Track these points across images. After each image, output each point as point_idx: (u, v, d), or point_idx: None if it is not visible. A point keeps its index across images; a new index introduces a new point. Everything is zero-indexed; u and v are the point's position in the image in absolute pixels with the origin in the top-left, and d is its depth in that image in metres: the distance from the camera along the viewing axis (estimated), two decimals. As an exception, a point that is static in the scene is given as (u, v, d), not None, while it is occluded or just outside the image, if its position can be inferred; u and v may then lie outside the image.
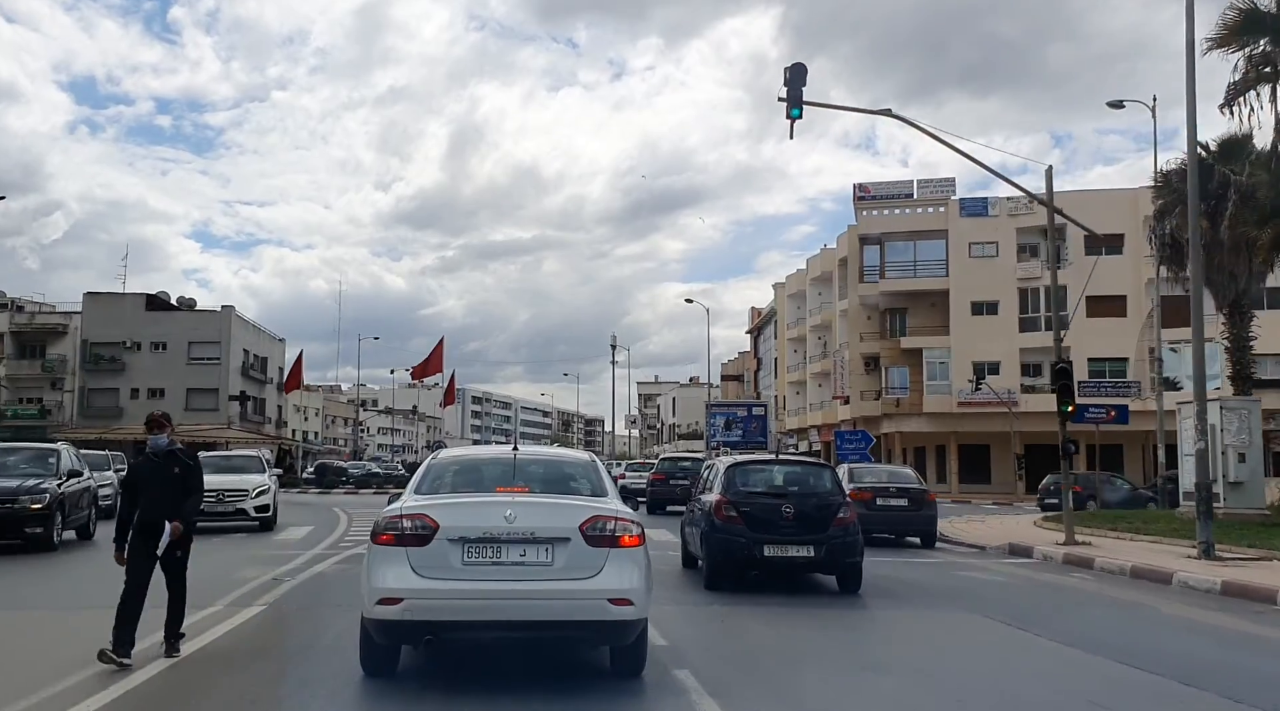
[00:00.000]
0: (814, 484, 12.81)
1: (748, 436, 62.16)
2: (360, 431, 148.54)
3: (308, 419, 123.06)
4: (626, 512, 6.76)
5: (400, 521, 6.44)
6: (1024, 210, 52.27)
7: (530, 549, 6.34)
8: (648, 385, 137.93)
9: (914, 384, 54.55)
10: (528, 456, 7.76)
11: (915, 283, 54.41)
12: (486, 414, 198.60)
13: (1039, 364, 52.92)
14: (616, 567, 6.38)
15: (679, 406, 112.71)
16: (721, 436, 62.09)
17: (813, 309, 67.21)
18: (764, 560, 11.86)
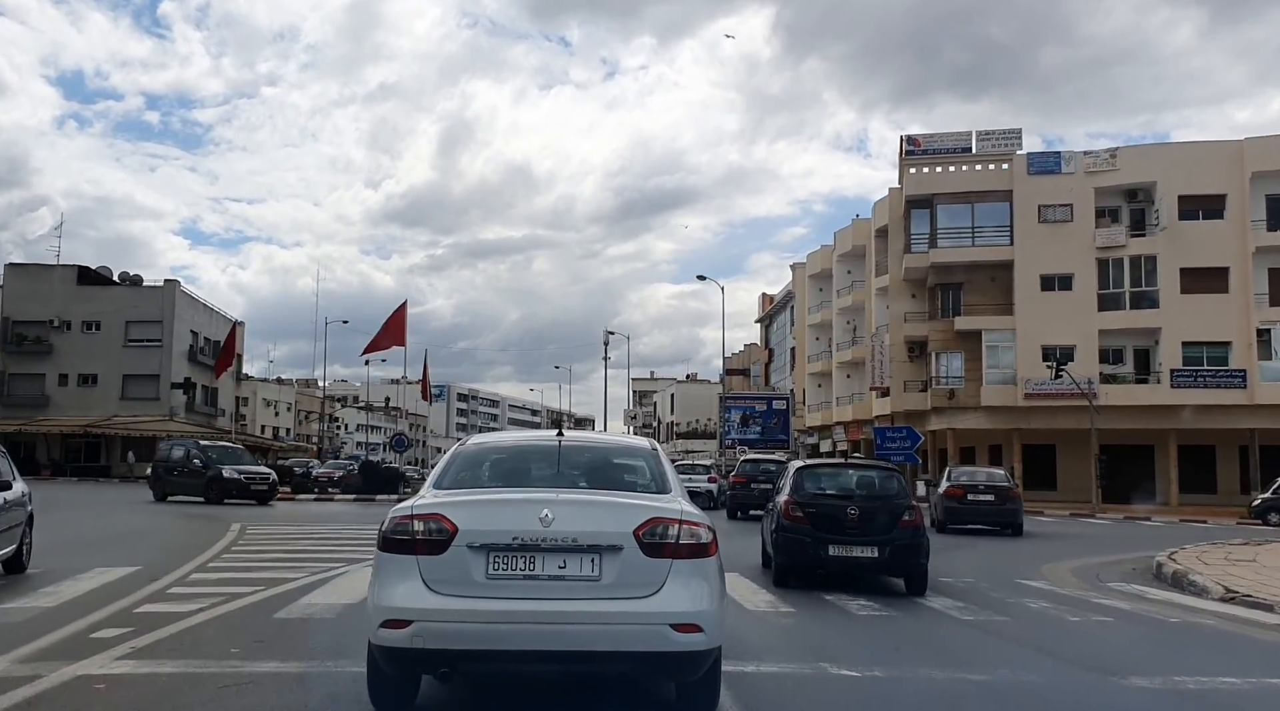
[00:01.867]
0: (880, 487, 12.90)
1: (767, 433, 54.01)
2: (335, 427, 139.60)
3: (279, 414, 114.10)
4: (695, 514, 5.30)
5: (410, 523, 5.13)
6: (1105, 165, 44.16)
7: (572, 559, 5.01)
8: (643, 381, 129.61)
9: (970, 372, 46.32)
10: (575, 443, 6.17)
11: (973, 253, 46.17)
12: (473, 412, 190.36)
13: (1120, 348, 44.79)
14: (682, 584, 5.03)
15: (678, 403, 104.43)
16: (737, 433, 53.85)
17: (841, 289, 58.89)
18: (829, 559, 12.05)
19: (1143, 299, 43.62)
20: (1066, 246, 44.35)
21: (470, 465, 6.10)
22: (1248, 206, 42.16)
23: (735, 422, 54.18)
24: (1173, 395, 42.35)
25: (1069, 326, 43.87)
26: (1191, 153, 43.03)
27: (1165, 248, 42.77)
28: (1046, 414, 44.19)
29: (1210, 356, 42.86)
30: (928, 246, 47.21)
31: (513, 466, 6.20)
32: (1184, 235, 42.47)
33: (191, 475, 29.60)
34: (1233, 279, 42.35)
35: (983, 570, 14.96)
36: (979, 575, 14.20)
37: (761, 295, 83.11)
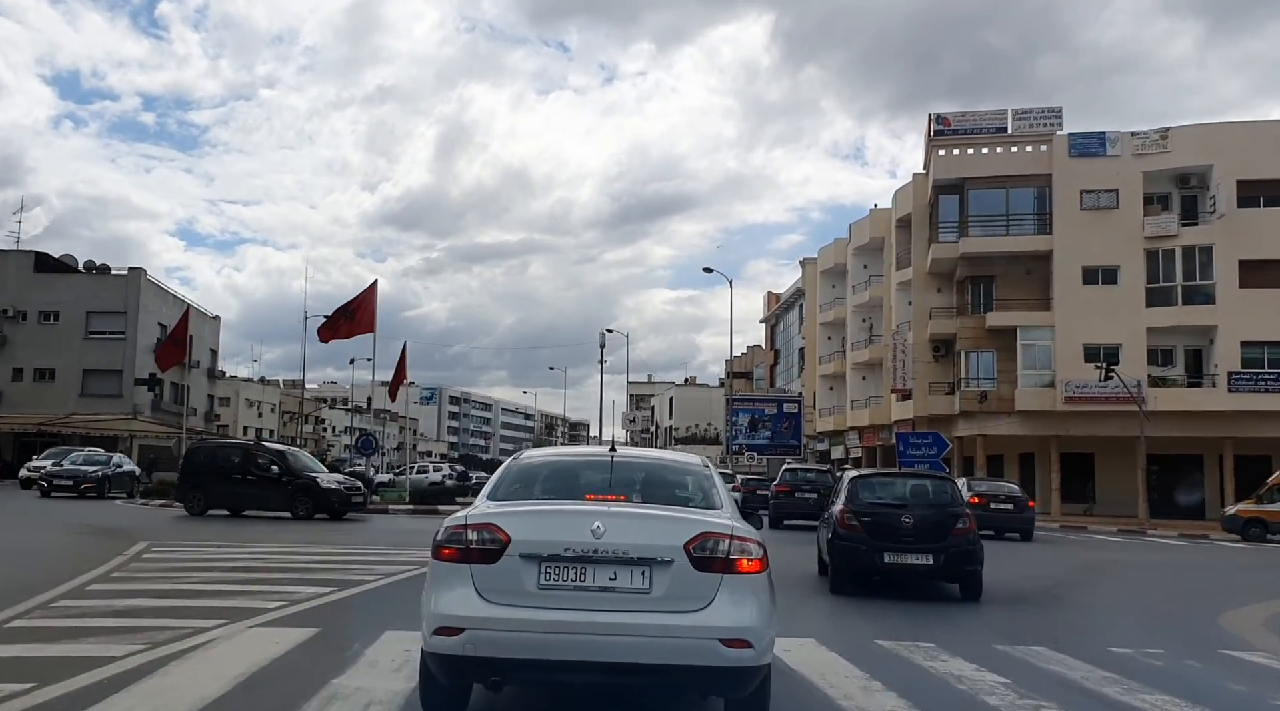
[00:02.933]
0: (934, 495, 13.17)
1: (777, 438, 49.90)
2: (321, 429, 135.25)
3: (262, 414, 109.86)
4: (745, 530, 5.35)
5: (464, 532, 5.19)
6: (1154, 147, 40.13)
7: (622, 571, 5.04)
8: (640, 385, 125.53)
9: (1003, 374, 42.22)
10: (627, 458, 6.35)
11: (1007, 243, 42.11)
12: (465, 415, 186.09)
13: (1170, 348, 40.73)
14: (731, 599, 5.04)
15: (676, 407, 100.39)
16: (745, 438, 49.77)
17: (856, 284, 54.82)
18: (884, 567, 12.21)
19: (1196, 294, 39.58)
20: (1111, 236, 40.31)
21: (523, 478, 6.11)
22: (1315, 192, 38.18)
23: (743, 426, 50.07)
24: (1230, 400, 38.29)
25: (1114, 324, 39.81)
26: (1251, 133, 39.03)
27: (1222, 238, 38.74)
28: (1088, 420, 40.14)
29: (1272, 358, 38.80)
30: (957, 236, 43.12)
31: (566, 480, 6.14)
32: (1243, 224, 38.46)
33: (263, 484, 25.11)
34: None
35: (1141, 621, 11.13)
36: (1143, 626, 10.53)
37: (767, 294, 79.11)
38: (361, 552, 15.67)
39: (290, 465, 25.49)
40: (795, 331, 68.48)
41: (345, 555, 15.17)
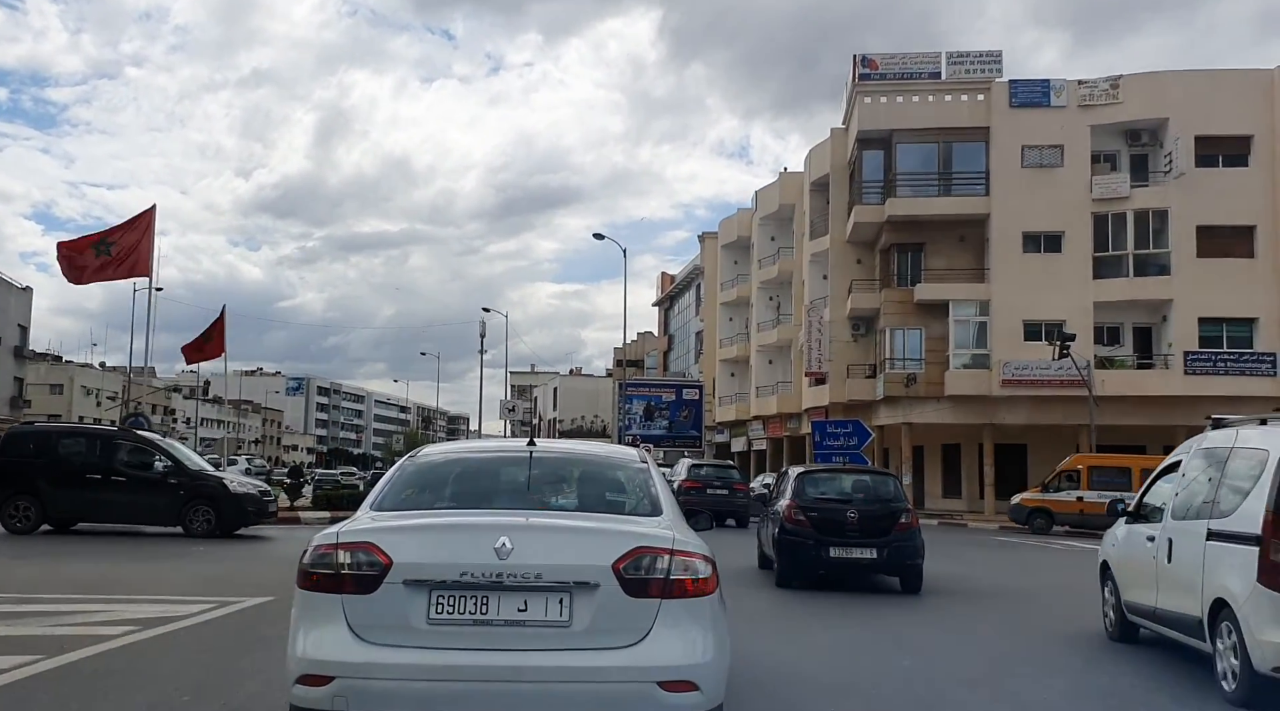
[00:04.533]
0: (878, 491, 13.31)
1: (676, 428, 44.03)
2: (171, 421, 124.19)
3: (100, 403, 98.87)
4: (691, 542, 4.30)
5: (334, 553, 4.12)
6: (1104, 98, 35.53)
7: (535, 600, 4.05)
8: (523, 375, 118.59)
9: (932, 354, 37.17)
10: (550, 454, 5.22)
11: (940, 205, 37.05)
12: (335, 407, 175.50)
13: (1117, 325, 36.22)
14: (673, 630, 4.07)
15: (561, 398, 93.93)
16: (639, 428, 43.66)
17: (763, 258, 49.30)
18: (830, 561, 12.47)
19: (1149, 264, 35.15)
20: (1055, 198, 35.58)
21: (418, 481, 4.99)
22: (1279, 151, 34.07)
23: (637, 415, 43.99)
24: (1185, 384, 33.92)
25: (1057, 297, 35.10)
26: (1211, 83, 34.76)
27: (1178, 200, 34.36)
28: (1027, 406, 35.37)
29: (1232, 336, 34.61)
30: (882, 197, 37.89)
31: (472, 483, 5.06)
32: (1201, 185, 34.15)
33: (138, 488, 17.64)
34: (1260, 240, 34.19)
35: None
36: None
37: (661, 275, 73.30)
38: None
39: (182, 462, 18.22)
40: (692, 314, 62.82)
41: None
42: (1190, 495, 8.00)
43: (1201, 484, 7.88)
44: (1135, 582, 8.85)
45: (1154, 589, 8.32)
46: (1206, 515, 7.48)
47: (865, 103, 37.50)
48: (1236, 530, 6.93)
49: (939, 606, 11.60)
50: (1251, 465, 7.08)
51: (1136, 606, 8.76)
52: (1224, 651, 6.98)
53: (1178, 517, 8.03)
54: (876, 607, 11.32)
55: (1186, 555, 7.67)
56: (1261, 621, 6.47)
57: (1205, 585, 7.27)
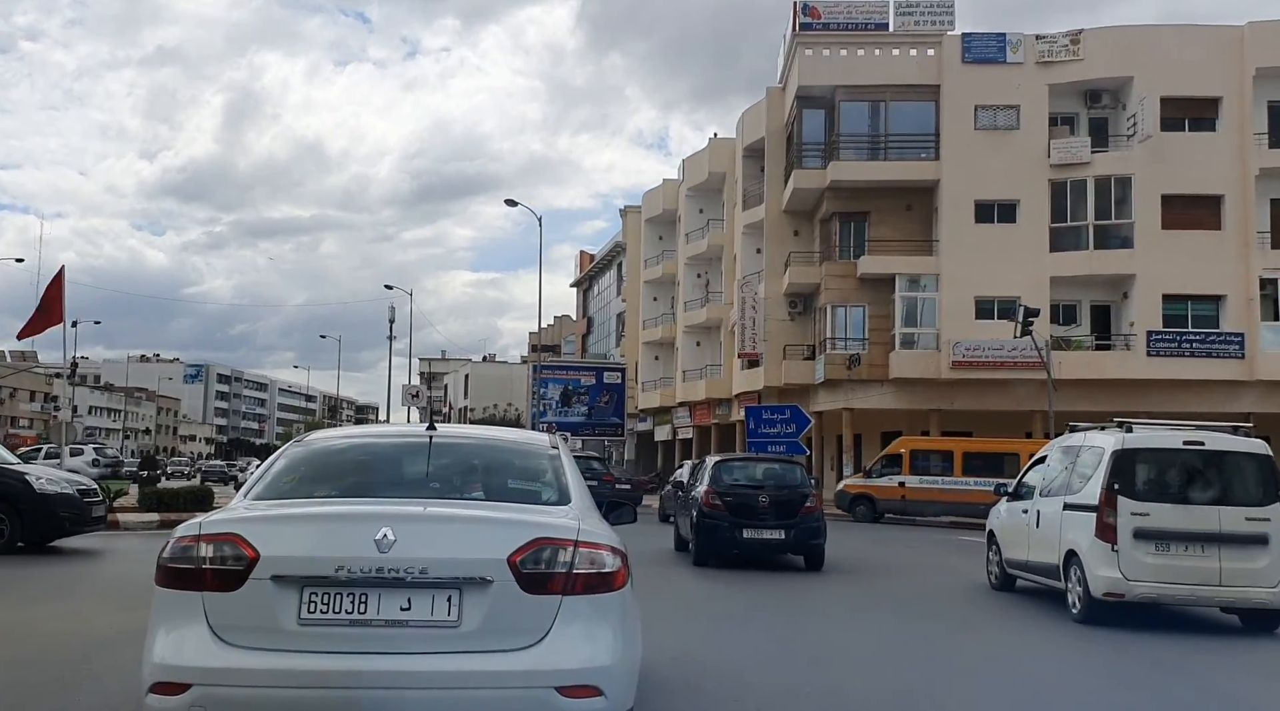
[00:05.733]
0: (787, 477, 14.66)
1: (596, 415, 40.21)
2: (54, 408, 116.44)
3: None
4: (598, 533, 3.98)
5: (196, 546, 3.75)
6: (1063, 54, 32.66)
7: (420, 597, 3.67)
8: (433, 362, 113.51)
9: (876, 334, 34.04)
10: (450, 439, 4.81)
11: (886, 169, 33.86)
12: (236, 395, 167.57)
13: (1075, 303, 33.48)
14: (575, 629, 3.73)
15: (473, 385, 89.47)
16: (555, 415, 39.72)
17: (691, 232, 45.71)
18: (743, 541, 13.68)
19: (1111, 236, 32.44)
20: (1011, 163, 32.66)
21: (302, 467, 4.55)
22: (1249, 115, 31.63)
23: (554, 401, 40.04)
24: (1148, 366, 31.33)
25: (1012, 271, 32.17)
26: (1179, 40, 32.13)
27: (1142, 167, 31.69)
28: (978, 390, 32.46)
29: (1197, 315, 32.11)
30: (823, 161, 34.57)
31: (361, 470, 4.60)
32: (1166, 151, 31.52)
33: None
34: (1228, 211, 31.69)
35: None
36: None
37: (579, 254, 69.27)
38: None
39: None
40: (614, 294, 59.03)
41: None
42: (1052, 479, 11.08)
43: (1060, 471, 10.93)
44: (1014, 544, 11.77)
45: (1027, 547, 11.29)
46: (1063, 493, 10.49)
47: (806, 55, 34.07)
48: (1083, 502, 9.90)
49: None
50: (1094, 458, 10.02)
51: (1014, 561, 11.76)
52: (1073, 586, 9.92)
53: (1044, 495, 11.08)
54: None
55: (1049, 521, 10.62)
56: (1097, 563, 9.54)
57: (1061, 541, 10.23)
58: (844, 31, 33.89)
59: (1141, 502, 9.56)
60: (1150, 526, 9.46)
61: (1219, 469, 9.74)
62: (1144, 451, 9.88)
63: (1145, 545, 9.42)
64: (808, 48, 34.07)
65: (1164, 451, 9.95)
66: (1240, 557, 9.38)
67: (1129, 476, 9.70)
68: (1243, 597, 9.49)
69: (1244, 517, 9.45)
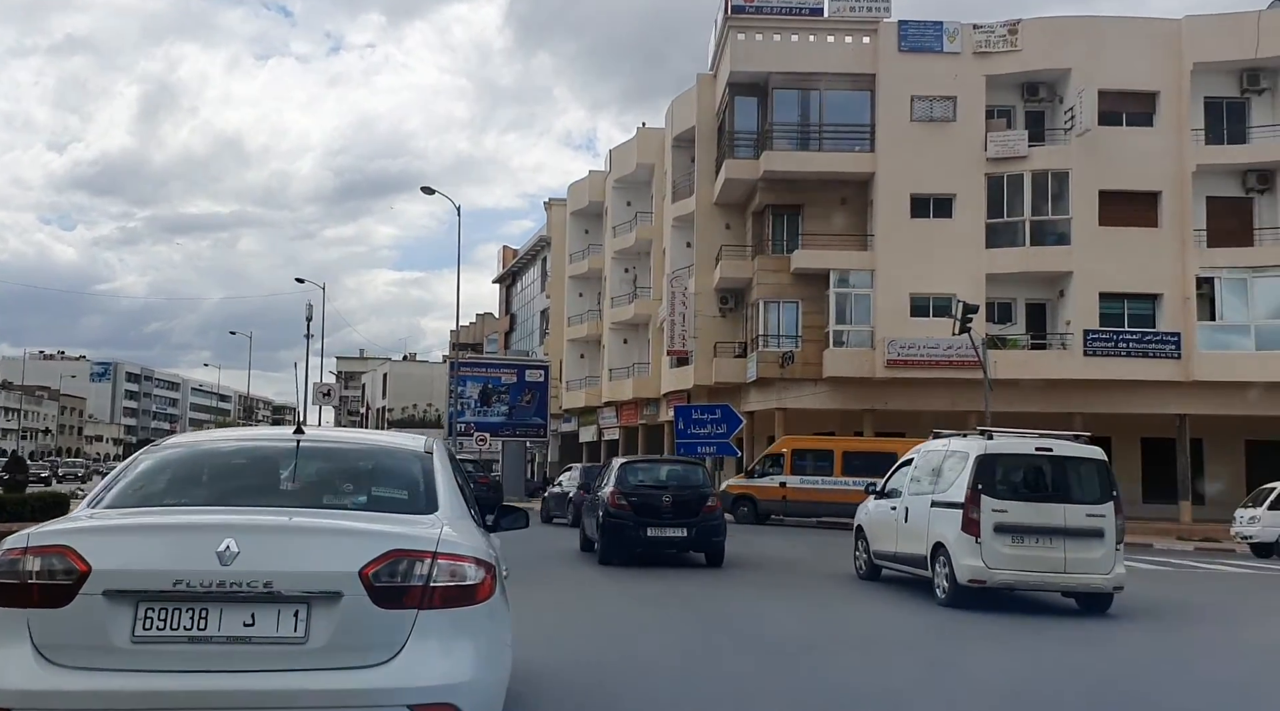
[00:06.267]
0: (689, 478, 15.43)
1: (517, 415, 38.51)
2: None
3: None
4: (461, 543, 3.82)
5: (22, 560, 3.53)
6: (1002, 44, 31.84)
7: (265, 613, 3.52)
8: (350, 361, 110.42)
9: (810, 331, 32.85)
10: (319, 443, 4.57)
11: (820, 161, 32.65)
12: (147, 395, 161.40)
13: (1010, 301, 32.70)
14: (432, 644, 3.60)
15: (391, 385, 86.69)
16: (475, 414, 37.90)
17: (618, 225, 44.11)
18: (647, 539, 14.35)
19: (1047, 232, 31.68)
20: (947, 156, 31.71)
21: (154, 475, 4.29)
22: (1186, 110, 31.09)
23: (473, 399, 38.17)
24: (1085, 366, 30.63)
25: (947, 268, 31.22)
26: (1119, 32, 31.46)
27: (1080, 161, 30.98)
28: (913, 390, 31.44)
29: (1134, 314, 31.49)
30: (756, 151, 33.25)
31: (216, 478, 4.37)
32: (1104, 146, 30.84)
33: None
34: (1165, 208, 31.12)
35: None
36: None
37: (502, 249, 67.22)
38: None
39: None
40: (538, 290, 57.15)
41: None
42: (920, 479, 12.51)
43: (928, 472, 12.40)
44: (882, 537, 13.06)
45: (895, 540, 12.64)
46: (931, 492, 11.98)
47: (739, 40, 32.69)
48: (950, 500, 11.32)
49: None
50: (960, 461, 11.49)
51: (882, 553, 13.08)
52: (939, 574, 11.31)
53: (912, 494, 12.50)
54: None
55: (918, 517, 12.05)
56: (962, 553, 10.85)
57: (929, 535, 11.63)
58: (778, 16, 32.60)
59: (1001, 500, 10.83)
60: (1008, 521, 10.73)
61: (1064, 472, 11.15)
62: (1003, 456, 11.21)
63: (1003, 538, 10.69)
64: (740, 32, 32.70)
65: (1019, 456, 11.32)
66: (1081, 548, 10.73)
67: (990, 478, 10.96)
68: (1083, 583, 10.86)
69: (1085, 514, 10.84)
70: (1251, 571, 18.57)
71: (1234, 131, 31.76)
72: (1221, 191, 31.53)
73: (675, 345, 35.53)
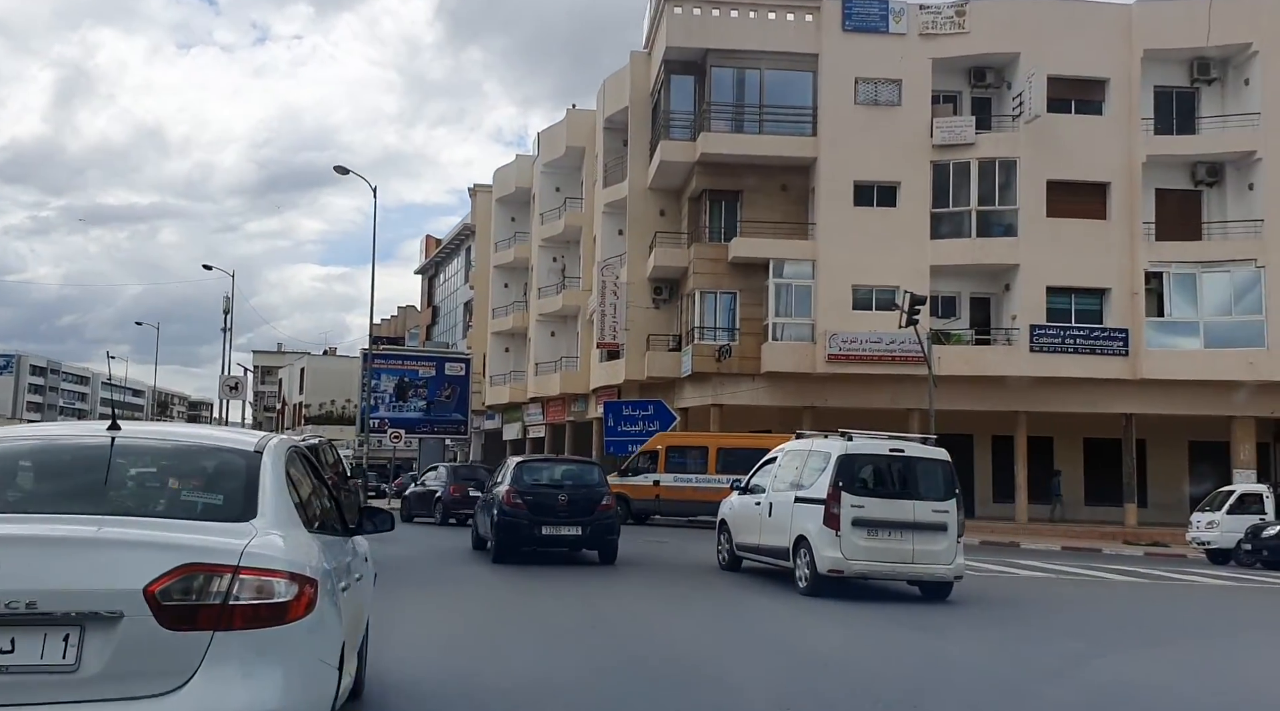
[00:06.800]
0: (585, 477, 15.43)
1: (436, 411, 36.34)
2: None
3: None
4: (271, 555, 3.45)
5: None
6: (949, 26, 30.54)
7: (28, 637, 3.15)
8: (267, 355, 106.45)
9: (748, 323, 31.19)
10: (135, 442, 4.16)
11: (761, 144, 30.96)
12: (53, 389, 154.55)
13: (954, 295, 31.42)
14: (229, 670, 3.25)
15: (309, 380, 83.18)
16: (389, 409, 35.56)
17: (546, 212, 41.97)
18: (543, 537, 14.46)
19: (994, 223, 30.43)
20: (892, 143, 30.28)
21: None
22: (1136, 99, 30.08)
23: (387, 394, 35.77)
24: (1031, 362, 29.44)
25: (892, 258, 29.81)
26: (1068, 16, 30.28)
27: (1028, 150, 29.78)
28: (854, 386, 29.98)
29: (1081, 309, 30.39)
30: (692, 133, 31.48)
31: (23, 482, 3.93)
32: (1053, 134, 29.70)
33: None
34: (1114, 200, 30.06)
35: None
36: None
37: (425, 238, 64.50)
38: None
39: None
40: (461, 281, 54.71)
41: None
42: (784, 476, 13.20)
43: (791, 470, 13.11)
44: (745, 530, 13.97)
45: (759, 533, 13.40)
46: (794, 488, 12.65)
47: (675, 14, 30.85)
48: (813, 496, 12.02)
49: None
50: (822, 460, 12.23)
51: (745, 544, 13.99)
52: (801, 565, 12.09)
53: (776, 490, 13.20)
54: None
55: (781, 512, 12.72)
56: (824, 546, 11.64)
57: (792, 528, 12.30)
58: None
59: (858, 497, 11.71)
60: (864, 516, 11.62)
61: (914, 471, 12.05)
62: (860, 456, 12.06)
63: (860, 531, 11.58)
64: (677, 6, 30.85)
65: (875, 456, 12.16)
66: (927, 541, 11.69)
67: (850, 476, 11.83)
68: (928, 573, 11.86)
69: (931, 509, 11.79)
70: (1234, 583, 17.28)
71: (1183, 122, 30.86)
72: (1171, 183, 30.59)
73: (606, 337, 33.57)
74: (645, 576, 14.02)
